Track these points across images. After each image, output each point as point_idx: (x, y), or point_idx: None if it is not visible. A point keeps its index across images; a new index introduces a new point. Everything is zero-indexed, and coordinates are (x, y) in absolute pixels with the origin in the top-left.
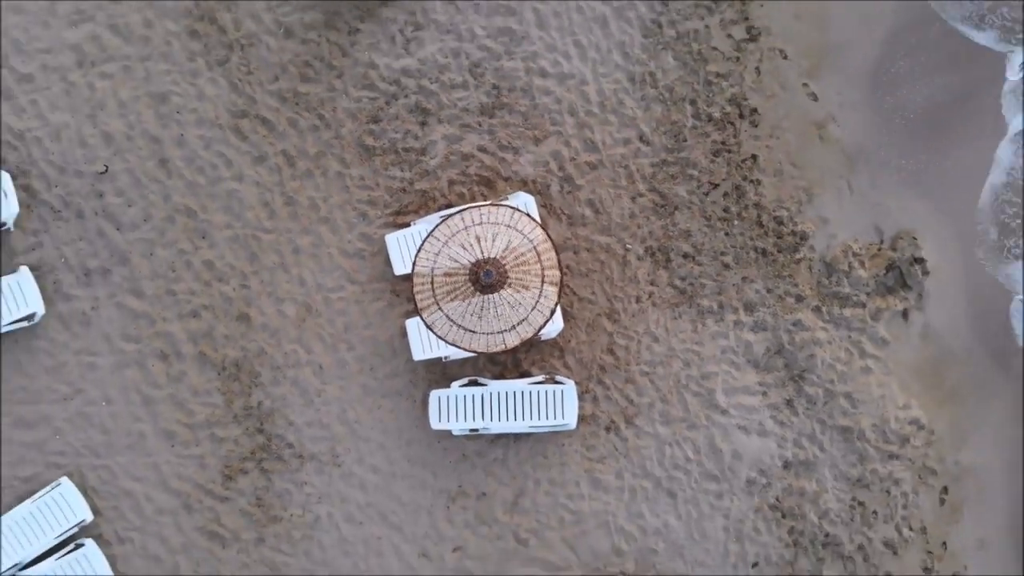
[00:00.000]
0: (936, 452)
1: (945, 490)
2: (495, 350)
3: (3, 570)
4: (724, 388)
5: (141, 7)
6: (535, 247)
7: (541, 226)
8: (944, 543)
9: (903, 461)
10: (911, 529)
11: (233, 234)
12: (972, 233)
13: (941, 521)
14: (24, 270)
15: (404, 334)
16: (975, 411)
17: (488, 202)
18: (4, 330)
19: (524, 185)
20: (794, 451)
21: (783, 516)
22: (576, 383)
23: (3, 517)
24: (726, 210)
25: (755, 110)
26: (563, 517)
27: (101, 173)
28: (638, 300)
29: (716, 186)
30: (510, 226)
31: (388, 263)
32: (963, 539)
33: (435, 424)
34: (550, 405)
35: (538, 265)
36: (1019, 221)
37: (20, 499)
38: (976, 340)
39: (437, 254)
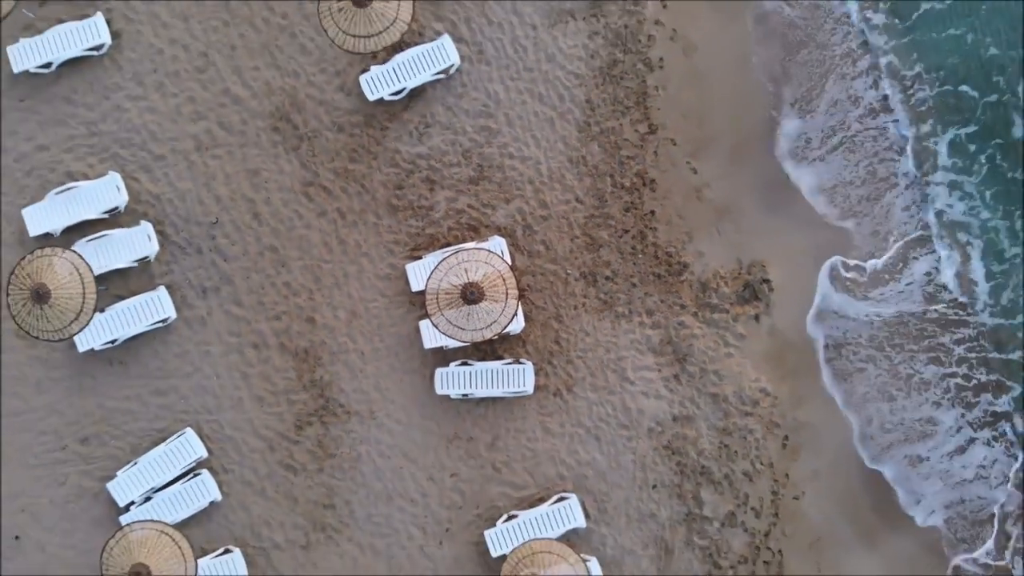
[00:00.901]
0: (779, 411)
1: (786, 438)
2: (478, 340)
3: (144, 491)
4: (632, 366)
5: (239, 111)
6: (501, 275)
7: (505, 262)
8: (787, 474)
9: (755, 417)
10: (762, 464)
11: (304, 264)
12: (803, 262)
13: (784, 459)
14: (162, 288)
15: (418, 331)
16: (806, 384)
17: (473, 244)
18: (148, 328)
19: (498, 231)
20: (679, 409)
21: (673, 453)
22: (533, 363)
23: (144, 456)
24: (633, 248)
25: (653, 180)
26: (524, 453)
27: (213, 223)
28: (575, 308)
29: (627, 231)
30: (486, 262)
31: (407, 283)
32: (800, 472)
33: (439, 391)
34: (515, 378)
35: (504, 286)
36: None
37: (156, 443)
38: (806, 336)
39: (440, 280)
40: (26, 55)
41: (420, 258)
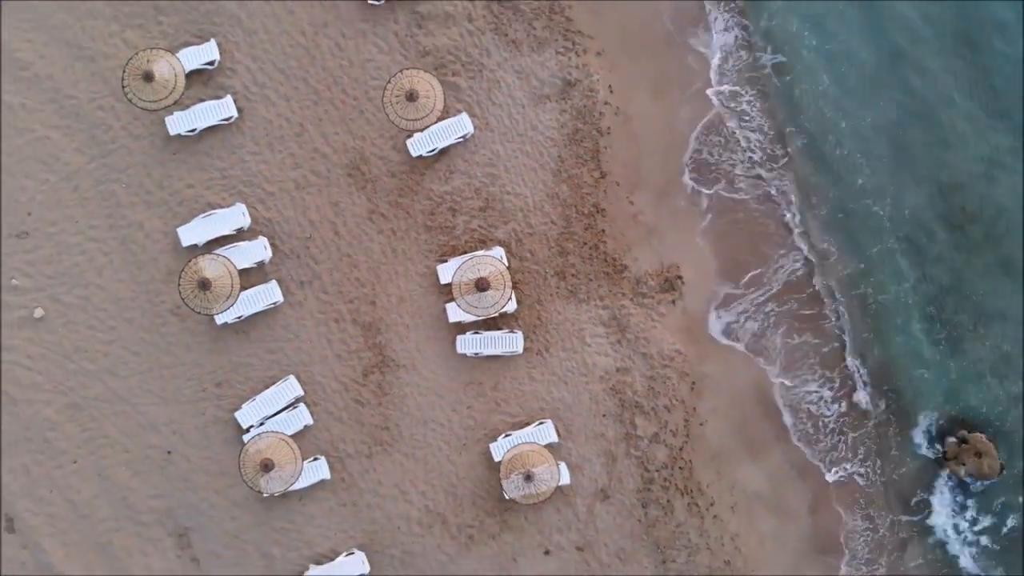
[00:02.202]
0: (688, 364)
1: (693, 383)
2: (485, 316)
3: (260, 418)
4: (589, 334)
5: (325, 162)
6: (501, 273)
7: (504, 264)
8: (694, 408)
9: (671, 368)
10: (677, 400)
11: (368, 265)
12: (704, 265)
13: (692, 398)
14: (273, 281)
15: (445, 310)
16: (707, 346)
17: (482, 252)
18: (264, 308)
19: (499, 243)
20: (621, 363)
21: (616, 393)
22: (522, 332)
23: (260, 395)
24: (590, 255)
25: (604, 209)
26: (516, 393)
27: (307, 238)
28: (551, 295)
29: (586, 244)
30: (491, 264)
31: (437, 278)
32: (704, 406)
33: (459, 351)
34: (511, 342)
35: (503, 280)
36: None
37: (267, 386)
38: (706, 314)
39: (461, 275)
40: (178, 123)
41: (446, 261)
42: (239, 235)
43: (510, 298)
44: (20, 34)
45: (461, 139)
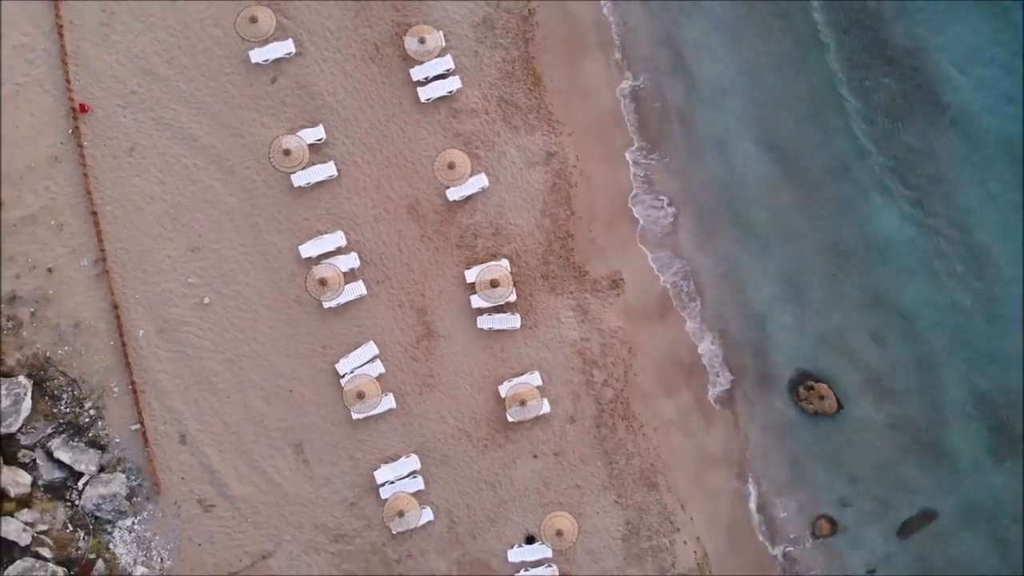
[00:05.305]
0: (626, 336)
1: (630, 348)
2: (496, 304)
3: (350, 369)
4: (563, 316)
5: (393, 203)
6: (507, 275)
7: (508, 270)
8: (631, 364)
9: (616, 339)
10: (619, 359)
11: (420, 270)
12: (639, 272)
13: (629, 357)
14: (360, 281)
15: (469, 300)
16: (644, 326)
17: (494, 262)
18: (354, 298)
19: (505, 256)
20: (583, 335)
21: (580, 354)
22: (520, 314)
23: (352, 352)
24: (564, 265)
25: (572, 235)
26: (516, 355)
27: (381, 253)
28: (538, 291)
29: (561, 256)
30: (500, 271)
31: (465, 279)
32: (637, 363)
33: (478, 326)
34: (512, 321)
35: (508, 281)
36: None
37: (354, 349)
38: (644, 305)
39: (481, 277)
40: (299, 179)
41: (470, 268)
42: (338, 251)
43: (512, 292)
44: (193, 118)
45: (481, 190)
